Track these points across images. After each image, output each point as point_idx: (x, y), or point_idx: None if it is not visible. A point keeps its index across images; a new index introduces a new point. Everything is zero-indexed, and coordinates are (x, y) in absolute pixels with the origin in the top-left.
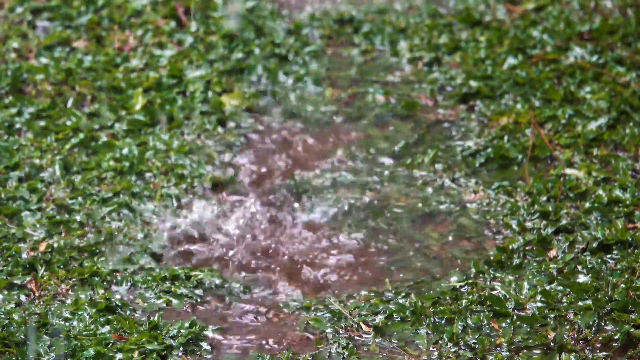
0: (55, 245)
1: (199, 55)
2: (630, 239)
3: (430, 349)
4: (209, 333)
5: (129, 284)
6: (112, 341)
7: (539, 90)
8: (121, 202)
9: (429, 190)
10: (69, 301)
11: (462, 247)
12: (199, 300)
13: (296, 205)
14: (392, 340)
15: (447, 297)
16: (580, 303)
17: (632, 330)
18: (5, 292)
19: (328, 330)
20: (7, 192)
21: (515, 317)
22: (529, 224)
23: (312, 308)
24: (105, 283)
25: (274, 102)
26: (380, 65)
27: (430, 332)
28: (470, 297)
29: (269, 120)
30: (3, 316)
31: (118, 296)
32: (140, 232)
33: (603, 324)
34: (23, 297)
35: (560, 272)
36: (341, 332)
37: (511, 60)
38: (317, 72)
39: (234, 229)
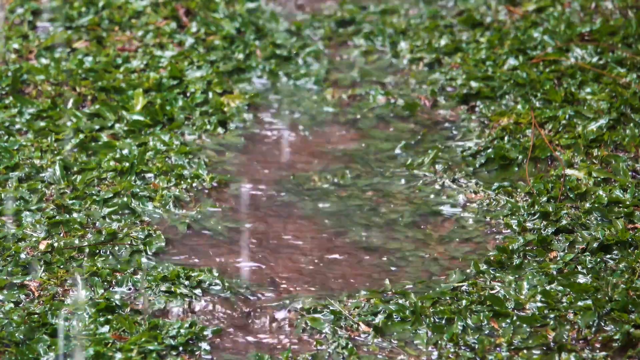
0: (55, 245)
1: (200, 56)
2: (630, 240)
3: (430, 349)
4: (208, 333)
5: (129, 284)
6: (111, 341)
7: (540, 91)
8: (121, 202)
9: (429, 190)
10: (69, 301)
11: (462, 247)
12: (198, 300)
13: (295, 205)
14: (392, 340)
15: (447, 297)
16: (580, 303)
17: (632, 330)
18: (5, 292)
19: (328, 330)
20: (7, 192)
21: (515, 317)
22: (529, 224)
23: (312, 308)
24: (105, 283)
25: (274, 103)
26: (380, 66)
27: (430, 332)
28: (470, 297)
29: (269, 120)
30: (3, 316)
31: (118, 296)
32: (140, 232)
33: (603, 324)
34: (23, 297)
35: (560, 272)
36: (341, 332)
37: (512, 61)
38: (317, 72)
39: (232, 227)
